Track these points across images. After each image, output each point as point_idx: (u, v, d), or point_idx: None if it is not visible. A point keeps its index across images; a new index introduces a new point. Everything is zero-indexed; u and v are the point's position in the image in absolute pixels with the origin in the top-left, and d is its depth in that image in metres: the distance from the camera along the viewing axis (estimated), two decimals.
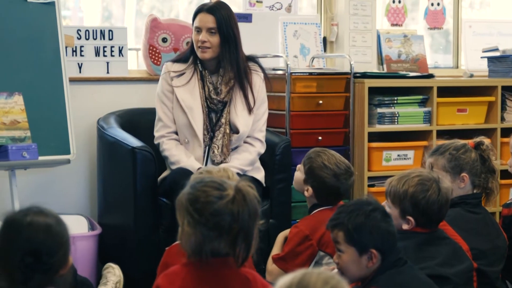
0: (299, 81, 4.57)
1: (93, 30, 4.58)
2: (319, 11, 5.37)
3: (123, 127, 4.29)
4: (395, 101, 4.73)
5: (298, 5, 5.18)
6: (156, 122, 4.15)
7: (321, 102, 4.58)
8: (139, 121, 4.44)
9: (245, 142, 4.14)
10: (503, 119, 5.04)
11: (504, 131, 4.94)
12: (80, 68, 4.56)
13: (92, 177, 4.54)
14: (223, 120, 4.09)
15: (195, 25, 4.11)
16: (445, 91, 4.89)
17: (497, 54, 5.23)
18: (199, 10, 4.13)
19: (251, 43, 4.34)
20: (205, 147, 4.07)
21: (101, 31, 4.61)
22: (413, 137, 4.78)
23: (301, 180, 3.38)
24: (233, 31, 4.09)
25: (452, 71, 5.74)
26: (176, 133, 4.13)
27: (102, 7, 5.15)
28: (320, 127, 4.59)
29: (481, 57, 5.33)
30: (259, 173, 4.15)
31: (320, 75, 4.66)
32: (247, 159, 4.08)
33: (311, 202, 3.38)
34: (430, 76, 4.96)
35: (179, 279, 2.30)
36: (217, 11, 4.09)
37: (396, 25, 5.52)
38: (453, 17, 5.82)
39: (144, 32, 4.76)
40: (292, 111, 4.52)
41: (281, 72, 4.61)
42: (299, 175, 3.40)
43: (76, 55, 4.53)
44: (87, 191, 4.58)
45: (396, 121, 4.72)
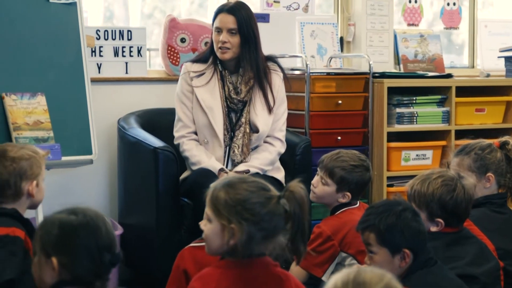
0: (318, 81, 4.57)
1: (112, 30, 4.59)
2: (336, 11, 5.38)
3: (143, 127, 4.29)
4: (414, 101, 4.74)
5: (315, 5, 5.19)
6: (175, 122, 4.16)
7: (340, 102, 4.59)
8: (159, 121, 4.45)
9: (265, 141, 4.15)
10: None
11: None
12: (99, 68, 4.57)
13: (112, 177, 4.55)
14: (243, 119, 4.09)
15: (215, 25, 4.10)
16: (461, 91, 4.89)
17: None
18: (220, 10, 4.12)
19: (268, 43, 4.34)
20: (225, 147, 4.08)
21: (120, 31, 4.62)
22: (431, 137, 4.79)
23: (331, 192, 3.29)
24: (253, 31, 4.09)
25: (468, 71, 5.74)
26: (195, 133, 4.13)
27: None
28: (339, 127, 4.59)
29: (498, 57, 5.33)
30: (279, 173, 4.15)
31: (339, 75, 4.66)
32: (267, 158, 4.09)
33: (334, 204, 3.37)
34: (448, 76, 4.96)
35: (213, 281, 2.29)
36: (237, 11, 4.09)
37: (412, 24, 5.52)
38: (469, 17, 5.82)
39: (162, 32, 4.76)
40: (311, 111, 4.52)
41: (299, 72, 4.62)
42: (328, 188, 3.30)
43: (95, 56, 4.54)
44: (107, 191, 4.59)
45: (415, 121, 4.72)
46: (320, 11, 5.42)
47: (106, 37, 4.58)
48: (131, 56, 4.64)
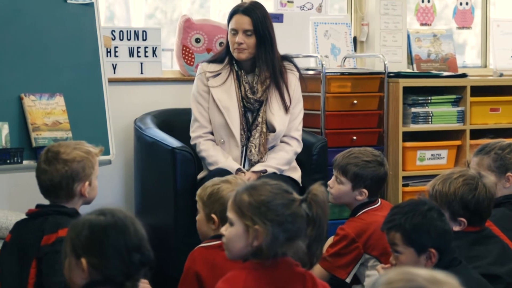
0: (333, 81, 4.58)
1: (127, 30, 4.60)
2: (349, 11, 5.38)
3: (159, 127, 4.30)
4: (429, 101, 4.74)
5: (328, 5, 5.19)
6: (192, 122, 4.16)
7: (355, 102, 4.59)
8: (175, 121, 4.46)
9: (282, 141, 4.15)
10: None
11: None
12: (114, 68, 4.58)
13: (128, 177, 4.55)
14: (259, 119, 4.09)
15: (231, 27, 4.10)
16: (474, 91, 4.89)
17: None
18: (235, 11, 4.11)
19: (282, 43, 4.34)
20: (242, 147, 4.08)
21: (135, 31, 4.63)
22: (446, 137, 4.79)
23: (347, 191, 3.29)
24: (268, 31, 4.09)
25: (480, 71, 5.74)
26: (212, 134, 4.13)
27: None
28: (354, 127, 4.60)
29: (511, 56, 5.34)
30: (296, 173, 4.15)
31: (354, 75, 4.67)
32: (284, 158, 4.09)
33: (354, 204, 3.37)
34: (463, 75, 4.97)
35: (241, 281, 2.29)
36: (252, 12, 4.08)
37: (425, 24, 5.52)
38: (481, 16, 5.82)
39: (177, 32, 4.77)
40: (327, 111, 4.52)
41: (313, 72, 4.62)
42: (343, 187, 3.30)
43: (110, 56, 4.55)
44: (124, 191, 4.59)
45: (430, 120, 4.72)
46: (333, 11, 5.43)
47: (121, 38, 4.59)
48: (146, 56, 4.65)
